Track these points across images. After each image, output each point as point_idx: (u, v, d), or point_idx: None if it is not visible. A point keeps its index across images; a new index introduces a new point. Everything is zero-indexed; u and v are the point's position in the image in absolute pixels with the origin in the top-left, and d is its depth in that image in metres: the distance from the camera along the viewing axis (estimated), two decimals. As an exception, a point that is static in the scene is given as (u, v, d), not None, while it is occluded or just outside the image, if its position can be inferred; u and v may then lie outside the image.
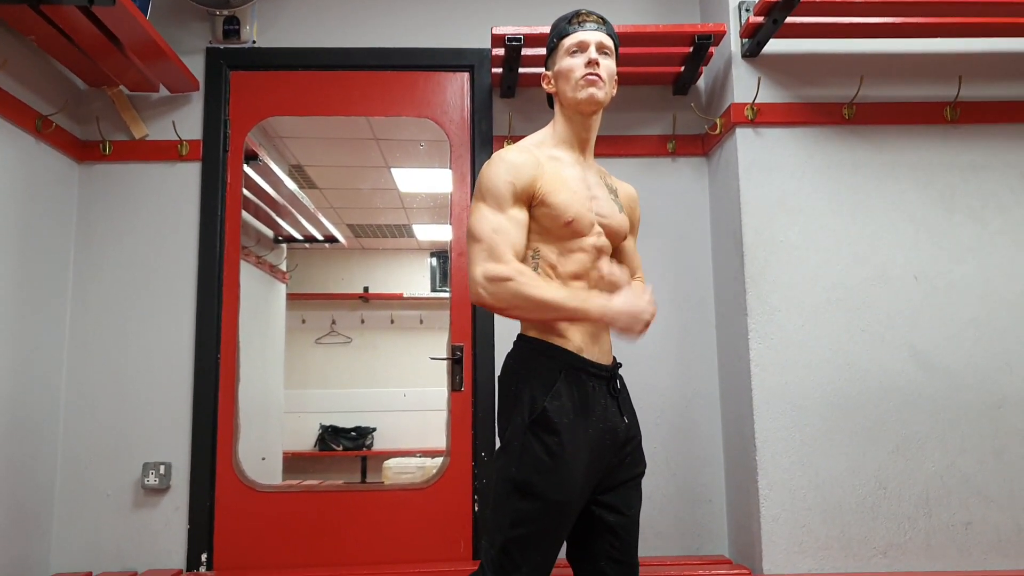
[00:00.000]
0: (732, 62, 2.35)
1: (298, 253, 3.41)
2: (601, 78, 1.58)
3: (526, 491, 1.44)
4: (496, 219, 1.49)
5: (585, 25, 1.61)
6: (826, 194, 2.30)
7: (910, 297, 2.26)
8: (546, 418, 1.46)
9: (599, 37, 1.60)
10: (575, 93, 1.59)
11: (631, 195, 1.78)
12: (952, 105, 2.34)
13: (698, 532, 2.43)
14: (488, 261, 1.46)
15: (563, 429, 1.46)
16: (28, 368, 2.24)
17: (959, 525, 2.18)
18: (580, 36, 1.60)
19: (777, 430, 2.19)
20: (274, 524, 2.41)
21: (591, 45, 1.59)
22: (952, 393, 2.23)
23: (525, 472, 1.45)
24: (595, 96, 1.58)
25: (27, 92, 2.24)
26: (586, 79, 1.57)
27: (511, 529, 1.45)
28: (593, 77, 1.57)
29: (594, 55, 1.58)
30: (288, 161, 3.06)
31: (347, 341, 3.58)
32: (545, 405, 1.46)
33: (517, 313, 1.49)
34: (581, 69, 1.58)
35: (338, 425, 3.60)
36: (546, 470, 1.44)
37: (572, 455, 1.46)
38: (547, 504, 1.44)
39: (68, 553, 2.36)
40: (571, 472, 1.45)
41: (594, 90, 1.58)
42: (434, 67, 2.62)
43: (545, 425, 1.46)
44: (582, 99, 1.58)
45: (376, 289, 3.62)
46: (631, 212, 1.75)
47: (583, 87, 1.57)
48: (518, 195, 1.51)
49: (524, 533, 1.44)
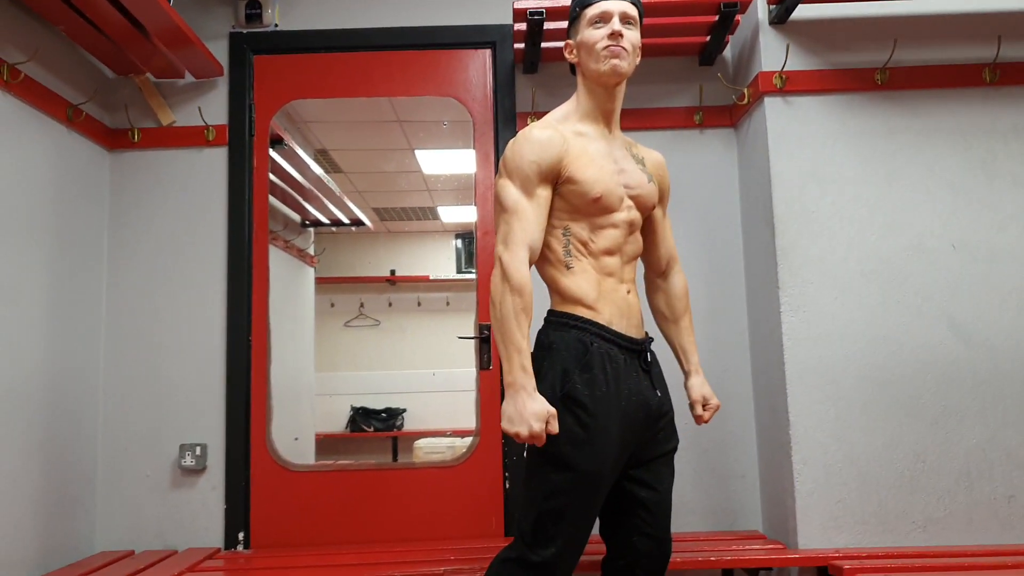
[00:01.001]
0: (759, 30, 2.29)
1: (325, 237, 3.44)
2: (625, 49, 1.56)
3: (559, 463, 1.45)
4: (521, 205, 1.50)
5: None
6: (859, 163, 2.24)
7: (948, 267, 2.20)
8: (576, 390, 1.46)
9: (622, 7, 1.57)
10: (598, 65, 1.56)
11: (658, 162, 1.75)
12: (991, 67, 2.26)
13: (731, 508, 2.41)
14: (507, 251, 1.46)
15: (594, 401, 1.46)
16: (67, 354, 2.29)
17: (1001, 499, 2.12)
18: (603, 6, 1.57)
19: (811, 404, 2.15)
20: (308, 503, 2.44)
21: (614, 15, 1.56)
22: (993, 365, 2.17)
23: (558, 445, 1.45)
24: (618, 67, 1.56)
25: (58, 82, 2.27)
26: (609, 50, 1.55)
27: (544, 501, 1.46)
28: (616, 48, 1.55)
29: (617, 26, 1.56)
30: (313, 146, 3.08)
31: (375, 324, 3.61)
32: (575, 377, 1.47)
33: (492, 311, 1.47)
34: (604, 40, 1.55)
35: (368, 407, 3.64)
36: (579, 442, 1.44)
37: (604, 427, 1.46)
38: (580, 475, 1.44)
39: (112, 531, 2.42)
40: (603, 444, 1.45)
41: (617, 61, 1.55)
42: (456, 45, 2.61)
43: (576, 398, 1.46)
44: (605, 71, 1.56)
45: (402, 272, 3.64)
46: (660, 180, 1.73)
47: (606, 58, 1.55)
48: (544, 175, 1.51)
49: (557, 505, 1.45)
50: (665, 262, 1.79)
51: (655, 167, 1.73)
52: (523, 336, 1.44)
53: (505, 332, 1.44)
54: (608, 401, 1.47)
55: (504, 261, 1.46)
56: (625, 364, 1.52)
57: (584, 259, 1.55)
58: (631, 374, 1.53)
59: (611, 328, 1.52)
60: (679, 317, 1.78)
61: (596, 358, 1.49)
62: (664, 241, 1.77)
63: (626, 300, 1.57)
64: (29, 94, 2.11)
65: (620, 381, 1.50)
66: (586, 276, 1.54)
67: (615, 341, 1.52)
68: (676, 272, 1.80)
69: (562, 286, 1.55)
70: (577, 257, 1.55)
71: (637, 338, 1.57)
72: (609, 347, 1.51)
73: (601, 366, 1.49)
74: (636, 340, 1.56)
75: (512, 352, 1.43)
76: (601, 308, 1.53)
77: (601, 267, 1.55)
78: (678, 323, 1.78)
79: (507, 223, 1.49)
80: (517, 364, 1.42)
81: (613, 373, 1.50)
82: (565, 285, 1.55)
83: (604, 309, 1.53)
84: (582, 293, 1.53)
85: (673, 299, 1.79)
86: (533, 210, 1.50)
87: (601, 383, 1.48)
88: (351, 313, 3.64)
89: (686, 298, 1.79)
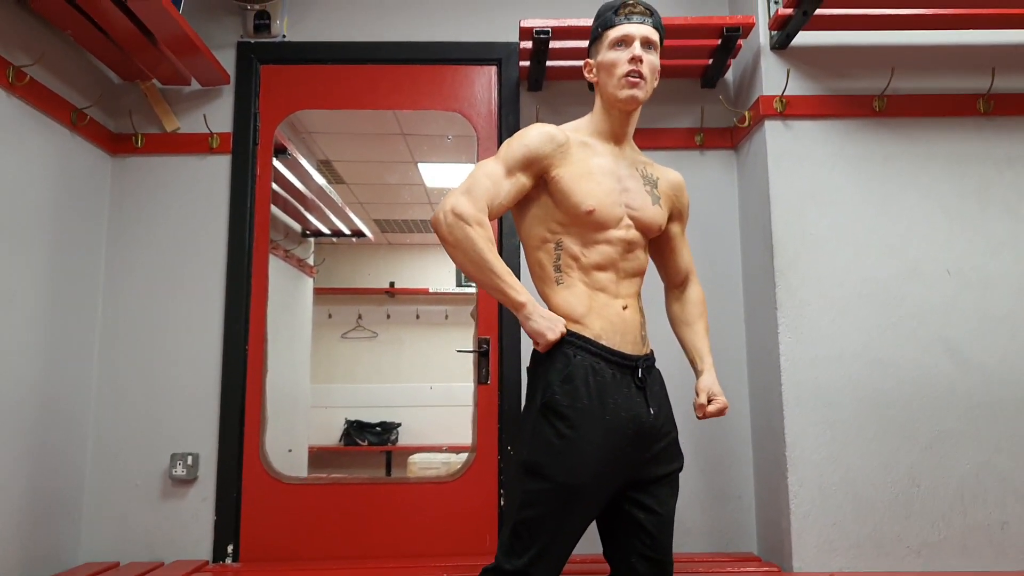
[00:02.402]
0: (761, 54, 2.34)
1: (325, 248, 3.44)
2: (643, 76, 1.57)
3: (535, 472, 1.46)
4: (496, 172, 1.54)
5: (631, 17, 1.58)
6: (857, 187, 2.27)
7: (943, 291, 2.23)
8: (556, 402, 1.47)
9: (644, 31, 1.58)
10: (616, 91, 1.58)
11: (675, 183, 1.75)
12: (985, 97, 2.31)
13: (727, 529, 2.41)
14: (465, 197, 1.51)
15: (575, 413, 1.46)
16: (60, 358, 2.27)
17: (995, 524, 2.13)
18: (625, 29, 1.58)
19: (807, 426, 2.16)
20: (300, 516, 2.41)
21: (636, 40, 1.57)
22: (987, 389, 2.19)
23: (535, 454, 1.47)
24: (636, 97, 1.58)
25: (62, 85, 2.28)
26: (628, 80, 1.56)
27: (520, 511, 1.47)
28: (635, 79, 1.56)
29: (638, 51, 1.56)
30: (317, 156, 3.09)
31: (373, 336, 3.60)
32: (556, 388, 1.48)
33: (458, 256, 1.51)
34: (624, 66, 1.56)
35: (363, 420, 3.61)
36: (554, 452, 1.45)
37: (584, 439, 1.46)
38: (555, 486, 1.44)
39: (97, 542, 2.38)
40: (582, 456, 1.45)
41: (635, 92, 1.57)
42: (462, 61, 2.63)
43: (555, 409, 1.47)
44: (622, 98, 1.58)
45: (402, 284, 3.63)
46: (675, 200, 1.73)
47: (624, 87, 1.57)
48: (529, 162, 1.54)
49: (533, 515, 1.45)
50: (682, 276, 1.80)
51: (671, 188, 1.73)
52: (499, 258, 1.50)
53: (482, 264, 1.48)
54: (590, 413, 1.47)
55: (461, 203, 1.49)
56: (614, 379, 1.52)
57: (574, 274, 1.56)
58: (621, 389, 1.52)
59: (598, 342, 1.52)
60: (693, 321, 1.77)
61: (579, 370, 1.49)
62: (681, 257, 1.78)
63: (621, 316, 1.56)
64: (34, 97, 2.11)
65: (606, 395, 1.49)
66: (574, 291, 1.55)
67: (602, 355, 1.52)
68: (693, 284, 1.81)
69: (552, 301, 1.57)
70: (567, 272, 1.56)
71: (631, 354, 1.56)
72: (595, 361, 1.51)
73: (584, 379, 1.49)
74: (629, 356, 1.55)
75: (502, 277, 1.48)
76: (589, 322, 1.53)
77: (592, 282, 1.56)
78: (692, 326, 1.77)
79: (474, 178, 1.54)
80: (511, 285, 1.49)
81: (597, 386, 1.49)
82: (554, 300, 1.56)
83: (592, 323, 1.53)
84: (569, 307, 1.54)
85: (688, 304, 1.79)
86: (506, 183, 1.54)
87: (583, 395, 1.48)
88: (349, 325, 3.62)
89: (702, 305, 1.80)
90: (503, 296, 1.50)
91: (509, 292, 1.50)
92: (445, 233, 1.50)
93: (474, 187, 1.52)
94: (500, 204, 1.55)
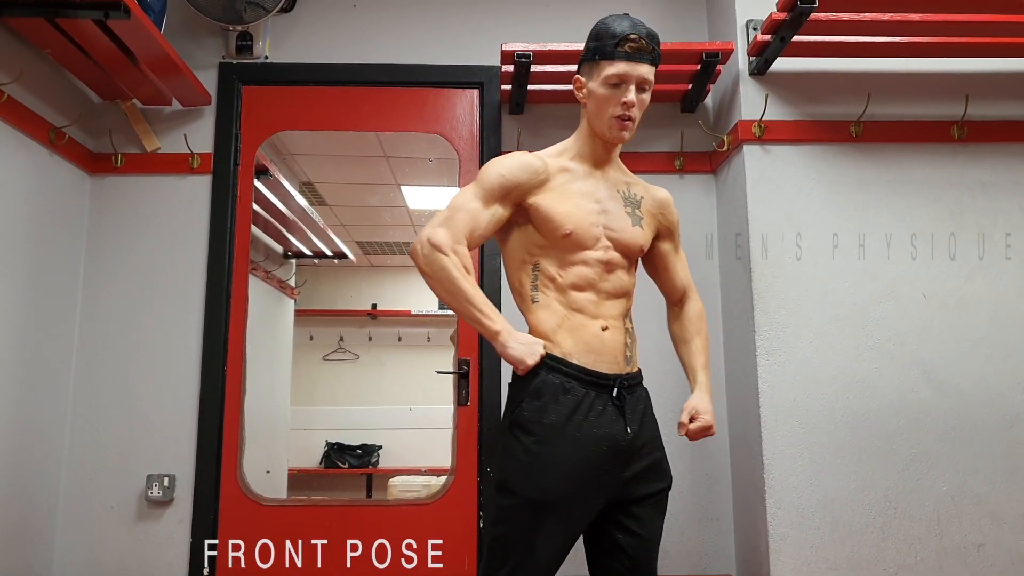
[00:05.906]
0: (740, 80, 2.37)
1: (307, 269, 3.42)
2: (633, 120, 1.57)
3: (504, 488, 1.48)
4: (473, 202, 1.55)
5: (632, 56, 1.54)
6: (833, 211, 2.30)
7: (919, 315, 2.25)
8: (523, 418, 1.49)
9: (642, 72, 1.55)
10: (604, 129, 1.58)
11: (660, 200, 1.73)
12: (959, 124, 2.35)
13: (705, 551, 2.40)
14: (442, 228, 1.53)
15: (541, 429, 1.47)
16: (36, 377, 2.24)
17: (971, 547, 2.14)
18: (623, 68, 1.54)
19: (785, 448, 2.17)
20: (278, 539, 2.39)
21: (632, 82, 1.55)
22: (963, 412, 2.21)
23: (505, 471, 1.49)
24: (623, 138, 1.59)
25: (41, 104, 2.27)
26: (618, 122, 1.56)
27: (492, 527, 1.48)
28: (626, 122, 1.56)
29: (631, 97, 1.55)
30: (299, 177, 3.09)
31: (354, 358, 3.58)
32: (524, 406, 1.49)
33: (435, 287, 1.54)
34: (616, 108, 1.55)
35: (344, 442, 3.58)
36: (522, 468, 1.47)
37: (552, 455, 1.46)
38: (523, 502, 1.45)
39: (70, 565, 2.34)
40: (549, 472, 1.45)
41: (624, 133, 1.58)
42: (444, 84, 2.65)
43: (522, 425, 1.49)
44: (609, 137, 1.59)
45: (384, 306, 3.62)
46: (661, 218, 1.72)
47: (613, 128, 1.57)
48: (505, 191, 1.55)
49: (504, 531, 1.46)
50: (679, 293, 1.79)
51: (657, 206, 1.71)
52: (475, 287, 1.51)
53: (458, 294, 1.50)
54: (557, 430, 1.47)
55: (438, 235, 1.51)
56: (587, 396, 1.51)
57: (550, 293, 1.56)
58: (594, 406, 1.51)
59: (568, 360, 1.52)
60: (689, 339, 1.76)
61: (547, 388, 1.50)
62: (675, 274, 1.77)
63: (598, 336, 1.55)
64: (12, 115, 2.10)
65: (576, 412, 1.49)
66: (548, 310, 1.56)
67: (573, 374, 1.52)
68: (692, 300, 1.80)
69: (528, 320, 1.58)
70: (543, 291, 1.56)
71: (608, 372, 1.54)
72: (565, 379, 1.51)
73: (552, 396, 1.49)
74: (604, 375, 1.54)
75: (479, 307, 1.50)
76: (560, 340, 1.53)
77: (569, 302, 1.56)
78: (688, 344, 1.76)
79: (452, 209, 1.55)
80: (487, 314, 1.50)
81: (568, 404, 1.49)
82: (530, 319, 1.58)
83: (563, 341, 1.53)
84: (542, 326, 1.55)
85: (685, 321, 1.78)
86: (485, 214, 1.55)
87: (551, 412, 1.48)
88: (330, 347, 3.60)
89: (699, 321, 1.78)
90: (479, 325, 1.52)
91: (484, 321, 1.51)
92: (422, 264, 1.52)
93: (452, 218, 1.54)
94: (480, 235, 1.56)
